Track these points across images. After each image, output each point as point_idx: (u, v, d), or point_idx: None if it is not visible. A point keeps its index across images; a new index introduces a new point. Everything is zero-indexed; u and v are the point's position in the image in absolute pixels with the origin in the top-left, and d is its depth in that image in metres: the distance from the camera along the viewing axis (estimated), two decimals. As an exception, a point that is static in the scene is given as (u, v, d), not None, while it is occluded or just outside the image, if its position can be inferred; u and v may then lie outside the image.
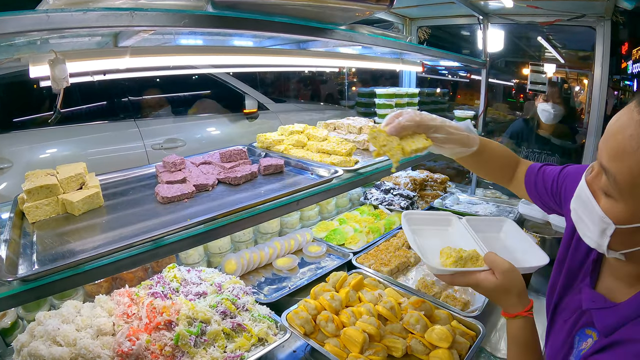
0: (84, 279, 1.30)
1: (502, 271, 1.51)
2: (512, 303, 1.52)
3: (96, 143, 4.86)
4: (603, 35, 4.05)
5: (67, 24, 1.15)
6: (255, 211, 1.77)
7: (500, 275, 1.51)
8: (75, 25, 1.17)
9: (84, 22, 1.18)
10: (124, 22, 1.25)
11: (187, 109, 6.27)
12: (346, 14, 1.96)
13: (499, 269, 1.52)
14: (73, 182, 1.85)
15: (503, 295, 1.53)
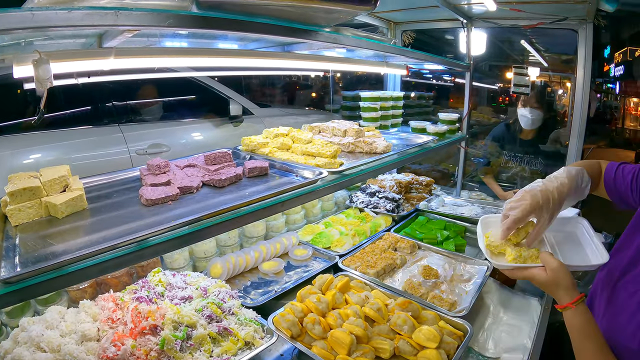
0: (67, 281, 1.29)
1: (552, 269, 1.72)
2: (561, 295, 1.71)
3: (80, 148, 4.82)
4: (585, 37, 4.11)
5: (52, 22, 1.15)
6: (239, 213, 1.77)
7: (550, 272, 1.73)
8: (59, 23, 1.17)
9: (69, 21, 1.18)
10: (109, 21, 1.25)
11: (172, 114, 6.24)
12: (330, 15, 1.96)
13: (549, 266, 1.73)
14: (56, 184, 1.83)
15: (553, 289, 1.74)
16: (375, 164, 2.75)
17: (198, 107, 6.50)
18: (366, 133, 3.34)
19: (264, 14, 1.77)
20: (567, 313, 1.70)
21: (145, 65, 1.93)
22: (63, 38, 1.77)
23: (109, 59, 1.74)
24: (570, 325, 1.70)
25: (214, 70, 4.97)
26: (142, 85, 6.04)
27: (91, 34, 1.73)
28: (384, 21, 4.91)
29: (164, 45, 2.23)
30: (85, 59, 1.69)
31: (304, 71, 9.32)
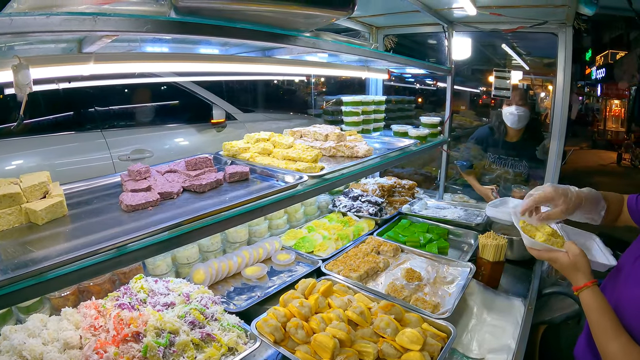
0: (47, 287, 1.28)
1: (574, 254, 1.99)
2: (579, 278, 1.95)
3: (62, 154, 4.79)
4: (565, 41, 4.15)
5: (30, 28, 1.15)
6: (220, 217, 1.77)
7: (572, 256, 1.99)
8: (38, 29, 1.17)
9: (47, 26, 1.18)
10: (87, 27, 1.25)
11: (155, 119, 6.22)
12: (308, 20, 1.98)
13: (572, 252, 2.00)
14: (36, 190, 1.82)
15: (573, 271, 1.98)
16: (356, 167, 2.76)
17: (181, 113, 6.48)
18: (348, 137, 3.35)
19: (242, 20, 1.78)
20: (585, 293, 1.91)
21: (126, 70, 1.93)
22: (43, 43, 1.76)
23: (89, 64, 1.74)
24: (587, 304, 1.90)
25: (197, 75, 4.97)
26: (125, 91, 6.02)
27: (71, 39, 1.73)
28: (366, 26, 4.95)
29: (144, 50, 2.22)
30: (64, 64, 1.69)
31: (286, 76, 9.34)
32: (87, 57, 1.73)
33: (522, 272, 3.27)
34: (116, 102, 5.82)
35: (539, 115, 6.09)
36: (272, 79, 13.30)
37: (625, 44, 19.43)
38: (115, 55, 1.86)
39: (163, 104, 6.52)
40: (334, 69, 3.37)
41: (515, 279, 3.18)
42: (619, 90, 21.06)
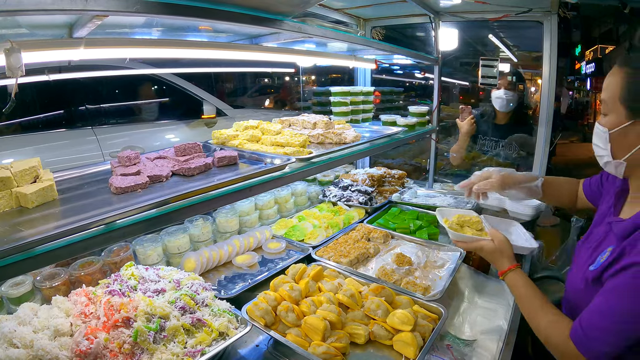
0: (35, 263, 1.30)
1: (499, 240, 2.20)
2: (504, 262, 2.13)
3: (53, 151, 4.81)
4: (550, 29, 4.17)
5: (23, 7, 1.17)
6: (208, 196, 1.79)
7: (497, 242, 2.19)
8: (30, 7, 1.19)
9: (39, 5, 1.20)
10: (78, 6, 1.28)
11: (145, 116, 6.22)
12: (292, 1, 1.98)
13: (497, 238, 2.21)
14: (27, 175, 1.82)
15: (498, 257, 2.17)
16: (344, 152, 2.78)
17: (172, 109, 6.49)
18: (336, 126, 3.37)
19: (229, 2, 1.79)
20: (509, 276, 2.08)
21: (115, 55, 1.94)
22: (34, 29, 1.77)
23: (79, 48, 1.75)
24: (514, 285, 2.06)
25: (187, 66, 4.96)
26: (116, 88, 6.01)
27: (62, 23, 1.74)
28: (353, 18, 4.95)
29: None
30: (55, 49, 1.70)
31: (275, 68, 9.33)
32: (77, 42, 1.74)
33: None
34: (107, 100, 5.82)
35: (525, 103, 6.06)
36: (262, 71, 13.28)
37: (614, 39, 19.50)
38: (105, 40, 1.87)
39: (153, 101, 6.52)
40: (322, 57, 3.37)
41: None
42: (608, 84, 21.12)
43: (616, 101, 1.76)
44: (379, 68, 4.43)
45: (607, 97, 1.81)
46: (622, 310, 1.56)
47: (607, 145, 1.84)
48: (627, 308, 1.54)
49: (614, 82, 1.77)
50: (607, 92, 1.81)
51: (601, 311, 1.62)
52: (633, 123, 1.72)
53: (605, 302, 1.63)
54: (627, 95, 1.73)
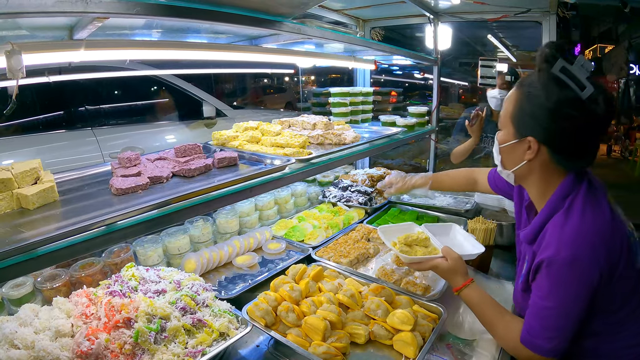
0: (37, 263, 1.31)
1: (452, 258, 2.25)
2: (458, 280, 2.19)
3: (53, 152, 4.81)
4: (549, 29, 4.19)
5: (25, 9, 1.19)
6: (209, 197, 1.80)
7: (451, 260, 2.24)
8: (32, 10, 1.20)
9: (41, 7, 1.21)
10: (79, 8, 1.30)
11: (145, 116, 6.23)
12: (292, 3, 1.99)
13: (451, 257, 2.26)
14: (28, 176, 1.83)
15: (452, 275, 2.22)
16: (343, 153, 2.80)
17: (171, 110, 6.49)
18: (336, 127, 3.38)
19: (228, 4, 1.80)
20: (465, 291, 2.15)
21: (115, 57, 1.95)
22: (35, 30, 1.78)
23: (80, 50, 1.76)
24: (469, 300, 2.14)
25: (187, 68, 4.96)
26: (115, 89, 6.02)
27: (62, 25, 1.75)
28: (353, 19, 4.97)
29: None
30: (56, 51, 1.71)
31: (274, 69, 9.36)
32: (78, 44, 1.76)
33: (512, 257, 3.26)
34: (106, 101, 5.82)
35: None
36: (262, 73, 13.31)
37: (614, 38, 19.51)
38: (106, 42, 1.89)
39: (153, 102, 6.53)
40: (322, 58, 3.38)
41: (506, 263, 3.19)
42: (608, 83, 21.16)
43: (508, 119, 1.93)
44: (378, 69, 4.44)
45: (503, 113, 1.97)
46: (548, 306, 1.75)
47: (498, 157, 2.04)
48: (552, 304, 1.74)
49: (509, 100, 1.93)
50: (504, 107, 1.97)
51: (535, 313, 1.80)
52: (520, 141, 1.88)
53: (535, 304, 1.81)
54: (516, 115, 1.88)
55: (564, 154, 1.85)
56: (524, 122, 1.85)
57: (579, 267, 1.67)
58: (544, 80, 1.79)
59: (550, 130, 1.79)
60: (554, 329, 1.73)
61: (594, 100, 1.71)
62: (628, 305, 1.81)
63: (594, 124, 1.76)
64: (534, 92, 1.80)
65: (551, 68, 1.78)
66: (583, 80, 1.73)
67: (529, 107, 1.82)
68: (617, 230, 1.75)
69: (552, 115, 1.76)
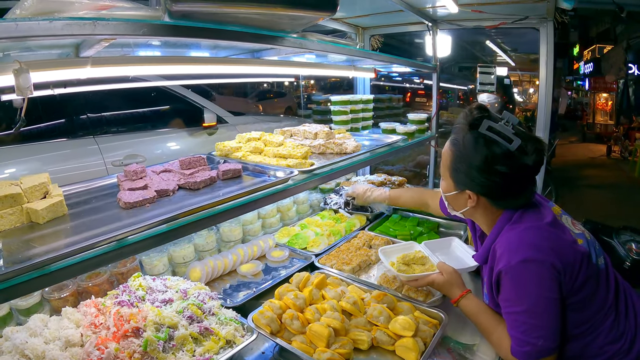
0: (50, 279, 1.34)
1: (448, 272, 2.39)
2: (455, 292, 2.31)
3: (55, 161, 4.83)
4: (547, 35, 4.23)
5: (34, 32, 1.22)
6: (215, 210, 1.85)
7: (446, 274, 2.38)
8: (41, 33, 1.24)
9: (50, 31, 1.25)
10: (87, 30, 1.33)
11: (147, 124, 6.24)
12: (294, 21, 2.04)
13: (446, 271, 2.40)
14: (37, 191, 1.87)
15: (448, 287, 2.35)
16: (345, 162, 2.85)
17: (173, 117, 6.51)
18: (337, 135, 3.42)
19: (232, 22, 1.85)
20: (462, 302, 2.26)
21: (121, 73, 1.99)
22: (41, 48, 1.82)
23: (86, 67, 1.80)
24: (467, 311, 2.24)
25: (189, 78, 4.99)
26: (117, 97, 6.03)
27: (69, 44, 1.78)
28: (352, 27, 5.01)
29: (138, 54, 2.29)
30: (63, 68, 1.75)
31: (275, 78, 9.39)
32: (84, 61, 1.79)
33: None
34: (108, 109, 5.81)
35: (513, 101, 6.05)
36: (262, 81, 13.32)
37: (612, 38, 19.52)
38: (111, 59, 1.92)
39: (154, 109, 6.54)
40: (322, 69, 3.42)
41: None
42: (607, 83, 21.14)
43: (446, 171, 2.13)
44: (378, 76, 4.48)
45: (442, 165, 2.17)
46: (519, 311, 1.85)
47: (446, 201, 2.27)
48: (521, 307, 1.84)
49: (445, 156, 2.12)
50: (442, 159, 2.17)
51: (511, 324, 1.90)
52: (460, 192, 2.11)
53: (507, 315, 1.93)
54: (452, 171, 2.08)
55: (502, 200, 2.03)
56: (460, 178, 2.05)
57: (532, 265, 1.81)
58: (472, 140, 1.94)
59: (485, 186, 1.98)
60: (534, 330, 1.81)
61: (523, 150, 1.85)
62: (596, 303, 1.91)
63: (525, 171, 1.92)
64: (465, 153, 1.97)
65: (478, 129, 1.89)
66: (509, 135, 1.85)
67: (463, 166, 2.00)
68: (559, 234, 1.92)
69: (484, 173, 1.93)
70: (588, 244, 1.96)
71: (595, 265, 1.93)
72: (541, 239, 1.86)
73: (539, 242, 1.85)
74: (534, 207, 2.02)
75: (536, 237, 1.87)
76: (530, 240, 1.87)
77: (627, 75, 18.73)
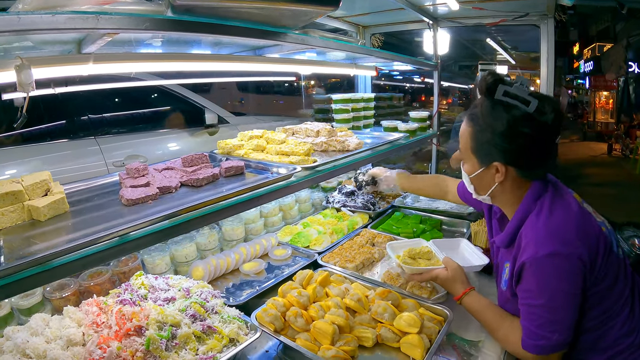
0: (52, 275, 1.33)
1: (452, 268, 2.38)
2: (458, 288, 2.31)
3: (56, 162, 4.81)
4: (547, 32, 4.22)
5: (37, 26, 1.22)
6: (218, 206, 1.84)
7: (450, 270, 2.37)
8: (44, 27, 1.23)
9: (53, 24, 1.24)
10: (90, 24, 1.32)
11: (148, 124, 6.23)
12: (296, 16, 2.04)
13: (450, 266, 2.39)
14: (38, 188, 1.86)
15: (452, 283, 2.35)
16: (347, 160, 2.84)
17: (173, 118, 6.50)
18: (339, 133, 3.41)
19: (234, 17, 1.84)
20: (465, 299, 2.26)
21: (123, 70, 1.98)
22: (43, 45, 1.81)
23: (88, 64, 1.80)
24: (470, 308, 2.25)
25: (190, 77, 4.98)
26: (118, 97, 6.03)
27: (71, 40, 1.79)
28: (353, 25, 5.01)
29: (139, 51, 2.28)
30: (65, 64, 1.75)
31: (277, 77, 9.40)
32: (86, 58, 1.79)
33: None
34: (109, 110, 5.81)
35: None
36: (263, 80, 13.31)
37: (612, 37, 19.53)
38: (113, 56, 1.92)
39: (155, 110, 6.53)
40: (324, 66, 3.42)
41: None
42: (607, 82, 21.15)
43: (468, 151, 2.10)
44: (379, 74, 4.47)
45: (462, 146, 2.14)
46: (539, 304, 1.83)
47: (470, 186, 2.20)
48: (541, 301, 1.82)
49: (464, 134, 2.10)
50: (460, 142, 2.14)
51: (527, 316, 1.89)
52: (486, 168, 2.05)
53: (525, 306, 1.90)
54: (475, 147, 2.05)
55: (529, 168, 2.00)
56: (484, 151, 2.01)
57: (558, 259, 1.78)
58: (491, 108, 1.95)
59: (511, 151, 1.94)
60: (550, 324, 1.80)
61: (541, 110, 1.83)
62: (615, 293, 1.90)
63: (547, 132, 1.90)
64: (487, 122, 1.96)
65: (494, 96, 1.88)
66: (526, 97, 1.84)
67: (486, 137, 1.97)
68: (587, 221, 1.91)
69: (508, 137, 1.91)
70: (609, 232, 1.96)
71: (616, 254, 1.92)
72: (569, 229, 1.84)
73: (567, 233, 1.83)
74: (559, 193, 2.01)
75: (564, 228, 1.85)
76: (558, 231, 1.84)
77: (628, 74, 18.75)
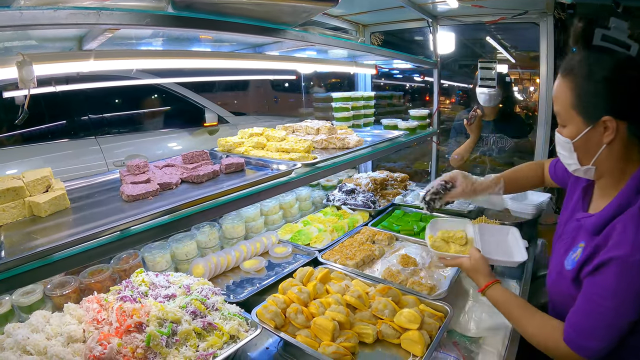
0: (53, 269, 1.33)
1: (474, 259, 2.28)
2: (479, 279, 2.22)
3: (57, 161, 4.83)
4: (547, 30, 4.22)
5: (38, 21, 1.22)
6: (219, 202, 1.84)
7: (473, 261, 2.28)
8: (45, 22, 1.23)
9: (54, 19, 1.24)
10: (91, 20, 1.32)
11: (148, 124, 6.24)
12: (296, 12, 2.03)
13: (473, 257, 2.29)
14: (39, 184, 1.86)
15: (474, 274, 2.26)
16: (347, 156, 2.83)
17: (174, 117, 6.51)
18: (339, 131, 3.41)
19: (234, 14, 1.84)
20: (488, 292, 2.15)
21: (124, 66, 1.99)
22: (45, 41, 1.81)
23: (89, 60, 1.80)
24: (494, 301, 2.13)
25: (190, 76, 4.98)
26: (118, 97, 6.03)
27: (72, 36, 1.79)
28: (352, 24, 5.00)
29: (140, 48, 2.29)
30: (66, 61, 1.75)
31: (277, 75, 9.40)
32: (87, 54, 1.79)
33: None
34: (109, 109, 5.83)
35: (512, 97, 5.96)
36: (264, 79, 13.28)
37: (611, 36, 19.50)
38: (114, 52, 1.92)
39: (155, 110, 6.54)
40: (324, 64, 3.42)
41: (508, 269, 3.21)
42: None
43: (569, 110, 1.82)
44: (379, 73, 4.47)
45: (560, 108, 1.87)
46: (607, 306, 1.62)
47: (573, 154, 1.87)
48: (611, 303, 1.61)
49: (563, 92, 1.83)
50: (558, 103, 1.88)
51: (587, 312, 1.69)
52: (594, 127, 1.75)
53: (590, 301, 1.69)
54: (579, 103, 1.78)
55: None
56: (591, 105, 1.76)
57: None
58: (591, 56, 1.78)
59: (621, 101, 1.72)
60: (606, 328, 1.64)
61: None
62: None
63: None
64: (589, 71, 1.75)
65: (592, 41, 1.73)
66: (626, 40, 1.69)
67: (591, 87, 1.75)
68: None
69: (616, 85, 1.71)
70: None
71: None
72: None
73: None
74: None
75: None
76: None
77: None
